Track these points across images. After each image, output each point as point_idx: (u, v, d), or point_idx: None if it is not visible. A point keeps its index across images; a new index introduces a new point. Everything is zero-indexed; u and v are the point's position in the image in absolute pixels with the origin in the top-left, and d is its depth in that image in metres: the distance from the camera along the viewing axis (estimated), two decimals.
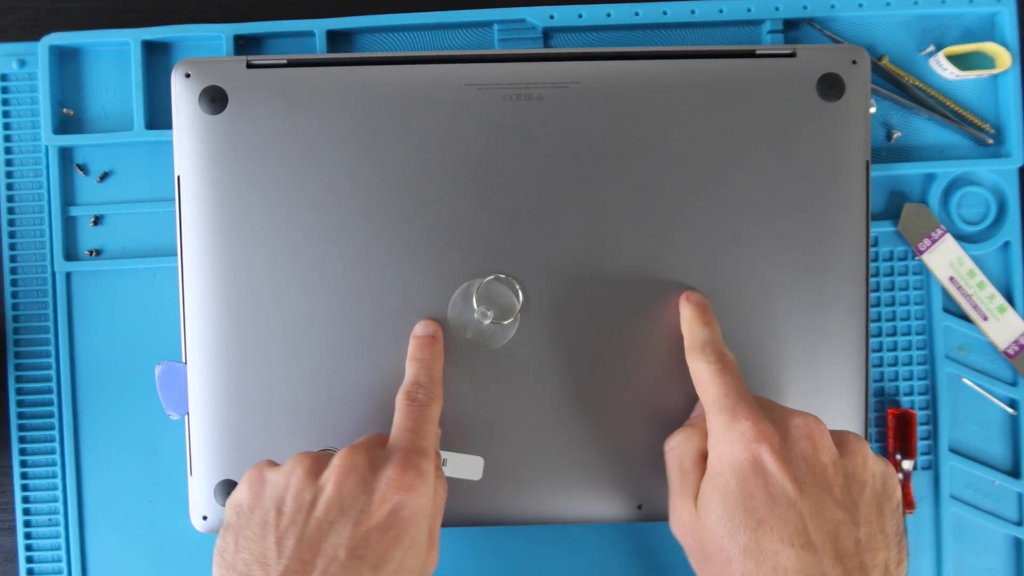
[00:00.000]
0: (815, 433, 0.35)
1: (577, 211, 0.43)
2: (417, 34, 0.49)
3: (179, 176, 0.44)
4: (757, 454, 0.34)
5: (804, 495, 0.34)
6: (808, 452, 0.35)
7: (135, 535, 0.48)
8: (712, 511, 0.35)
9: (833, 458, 0.35)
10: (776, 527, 0.33)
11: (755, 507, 0.34)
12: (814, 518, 0.33)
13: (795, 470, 0.34)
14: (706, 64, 0.44)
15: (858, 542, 0.34)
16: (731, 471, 0.35)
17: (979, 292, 0.48)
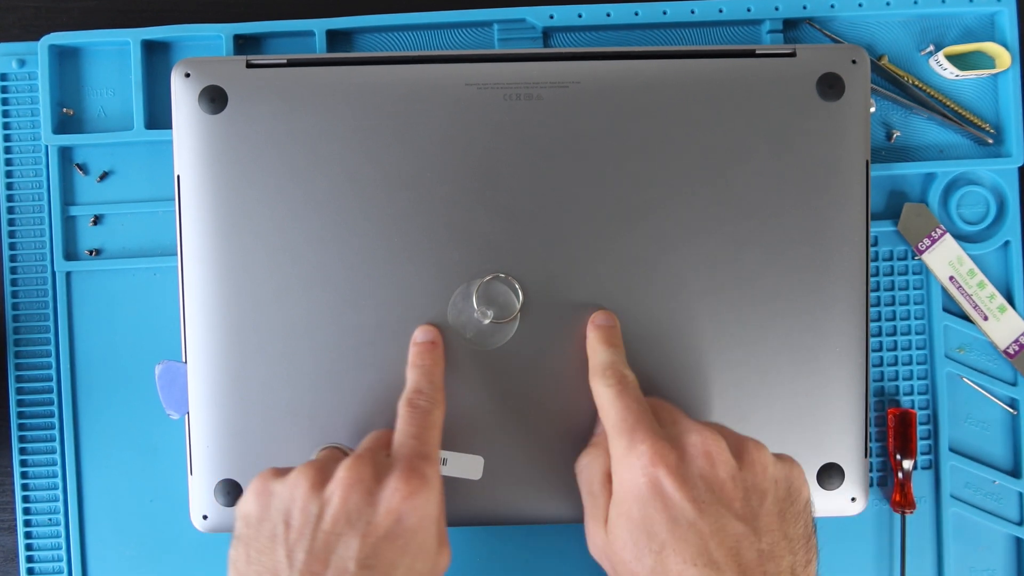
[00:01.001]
0: (712, 449, 0.35)
1: (577, 211, 0.43)
2: (417, 34, 0.49)
3: (179, 176, 0.44)
4: (655, 478, 0.35)
5: (703, 514, 0.34)
6: (706, 470, 0.35)
7: (135, 535, 0.48)
8: (619, 537, 0.36)
9: (731, 472, 0.35)
10: (678, 549, 0.34)
11: (656, 531, 0.34)
12: (715, 536, 0.34)
13: (693, 490, 0.34)
14: (706, 64, 0.44)
15: (760, 553, 0.34)
16: (632, 497, 0.35)
17: (979, 292, 0.48)
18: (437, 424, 0.39)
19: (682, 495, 0.34)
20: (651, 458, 0.35)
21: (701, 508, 0.34)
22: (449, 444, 0.44)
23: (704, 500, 0.34)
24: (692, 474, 0.35)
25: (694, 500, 0.34)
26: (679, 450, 0.35)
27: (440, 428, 0.39)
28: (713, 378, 0.44)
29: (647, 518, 0.34)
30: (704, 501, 0.34)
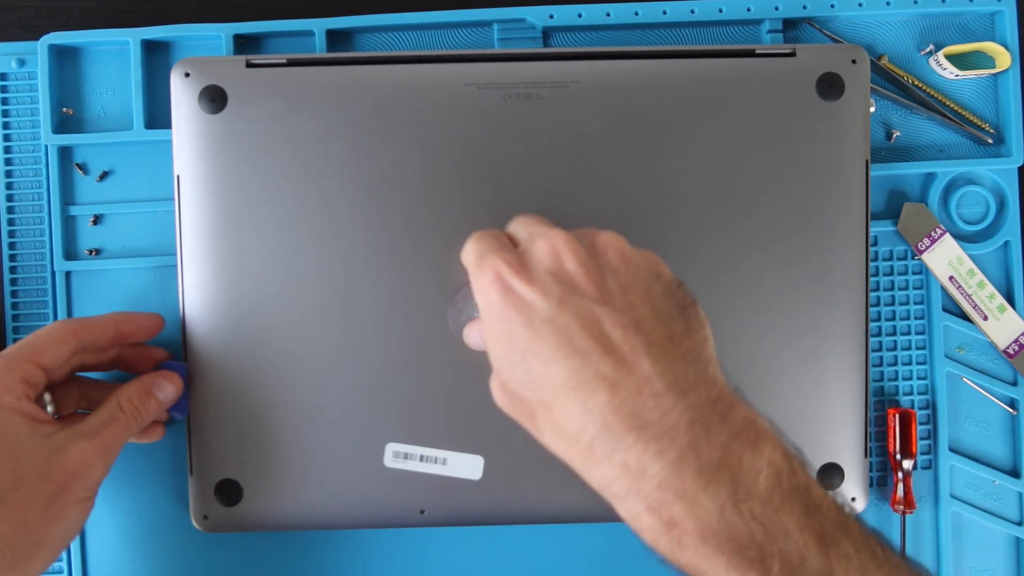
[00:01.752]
0: (557, 246, 0.34)
1: (577, 211, 0.43)
2: (417, 34, 0.49)
3: (179, 175, 0.44)
4: (502, 285, 0.33)
5: (557, 306, 0.32)
6: (552, 264, 0.34)
7: (135, 535, 0.48)
8: (496, 363, 0.34)
9: (581, 260, 0.34)
10: (538, 350, 0.32)
11: (517, 339, 0.33)
12: (573, 324, 0.32)
13: (543, 286, 0.33)
14: (706, 64, 0.44)
15: (626, 328, 0.32)
16: (491, 316, 0.34)
17: (979, 292, 0.48)
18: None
19: (532, 292, 0.33)
20: (496, 271, 0.34)
21: (551, 301, 0.33)
22: (449, 444, 0.44)
23: (553, 293, 0.33)
24: (538, 272, 0.33)
25: (544, 295, 0.33)
26: (524, 256, 0.34)
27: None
28: None
29: (506, 329, 0.33)
30: (553, 294, 0.33)
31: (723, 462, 0.31)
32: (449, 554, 0.48)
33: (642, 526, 0.32)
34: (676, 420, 0.31)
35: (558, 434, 0.33)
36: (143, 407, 0.42)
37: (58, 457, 0.38)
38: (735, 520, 0.30)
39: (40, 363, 0.40)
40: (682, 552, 0.31)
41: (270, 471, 0.44)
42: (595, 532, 0.48)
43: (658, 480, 0.31)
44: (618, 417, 0.31)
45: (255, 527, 0.45)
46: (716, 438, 0.31)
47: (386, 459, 0.44)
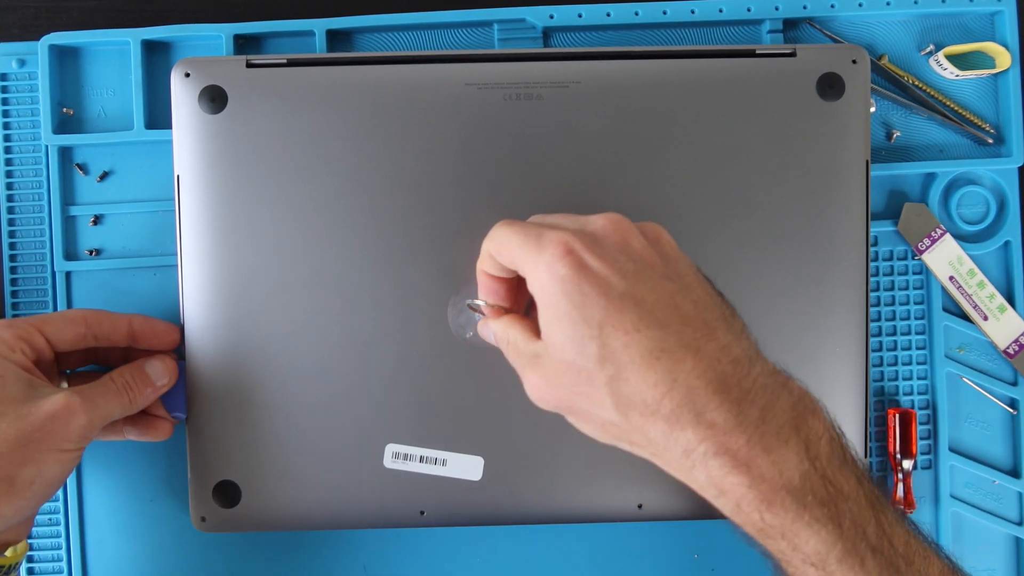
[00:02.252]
0: (621, 226, 0.35)
1: (577, 211, 0.43)
2: (417, 34, 0.49)
3: (179, 176, 0.44)
4: (575, 262, 0.34)
5: (632, 281, 0.33)
6: (620, 243, 0.35)
7: (135, 535, 0.48)
8: (557, 344, 0.34)
9: (644, 243, 0.35)
10: (617, 322, 0.33)
11: (591, 313, 0.33)
12: (650, 297, 0.33)
13: (615, 262, 0.34)
14: (706, 64, 0.44)
15: (696, 303, 0.34)
16: (558, 293, 0.34)
17: (979, 292, 0.48)
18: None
19: (606, 268, 0.33)
20: (564, 248, 0.34)
21: (627, 276, 0.33)
22: (449, 444, 0.44)
23: (628, 269, 0.34)
24: (609, 249, 0.34)
25: (619, 271, 0.33)
26: (589, 237, 0.35)
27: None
28: None
29: (577, 304, 0.33)
30: (628, 270, 0.34)
31: (796, 423, 0.33)
32: (449, 554, 0.48)
33: (729, 484, 0.33)
34: (753, 383, 0.33)
35: (630, 408, 0.33)
36: (134, 383, 0.42)
37: (40, 401, 0.38)
38: (813, 477, 0.33)
39: (43, 331, 0.41)
40: (768, 508, 0.33)
41: (269, 472, 0.44)
42: (595, 532, 0.48)
43: (746, 438, 0.32)
44: (703, 381, 0.32)
45: (254, 528, 0.45)
46: (785, 401, 0.33)
47: (386, 460, 0.44)
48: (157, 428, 0.45)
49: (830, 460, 0.33)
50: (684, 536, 0.48)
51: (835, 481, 0.33)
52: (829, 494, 0.33)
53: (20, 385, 0.39)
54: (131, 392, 0.42)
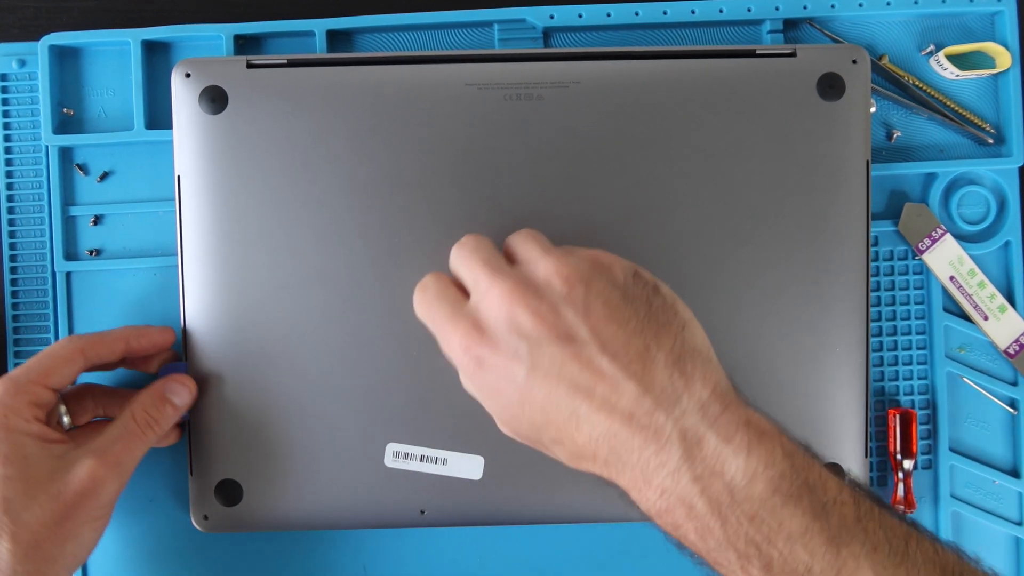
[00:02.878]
0: (504, 303, 0.34)
1: (577, 211, 0.43)
2: (417, 34, 0.49)
3: (179, 176, 0.44)
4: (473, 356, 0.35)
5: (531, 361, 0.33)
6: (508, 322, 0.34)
7: (135, 535, 0.48)
8: (497, 418, 0.36)
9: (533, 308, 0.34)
10: (531, 401, 0.34)
11: (508, 398, 0.34)
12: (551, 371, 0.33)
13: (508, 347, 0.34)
14: (706, 64, 0.44)
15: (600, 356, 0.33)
16: (476, 383, 0.36)
17: (979, 292, 0.48)
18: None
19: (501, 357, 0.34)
20: (461, 344, 0.35)
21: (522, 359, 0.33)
22: (449, 444, 0.44)
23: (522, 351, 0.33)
24: (499, 334, 0.34)
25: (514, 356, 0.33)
26: (478, 318, 0.35)
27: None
28: None
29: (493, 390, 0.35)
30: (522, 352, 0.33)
31: (715, 469, 0.32)
32: (449, 554, 0.48)
33: (664, 523, 0.33)
34: (669, 434, 0.32)
35: (576, 458, 0.35)
36: (159, 415, 0.42)
37: (68, 476, 0.38)
38: (732, 523, 0.31)
39: (48, 384, 0.40)
40: (704, 544, 0.32)
41: (270, 471, 0.44)
42: (595, 532, 0.48)
43: (661, 489, 0.32)
44: (620, 438, 0.33)
45: (255, 527, 0.45)
46: (707, 446, 0.32)
47: (386, 459, 0.44)
48: (168, 435, 0.45)
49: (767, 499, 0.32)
50: None
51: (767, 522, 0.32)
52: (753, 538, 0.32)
53: (44, 461, 0.38)
54: (156, 425, 0.42)
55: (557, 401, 0.33)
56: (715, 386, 0.33)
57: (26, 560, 0.37)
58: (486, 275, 0.35)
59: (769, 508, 0.31)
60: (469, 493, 0.44)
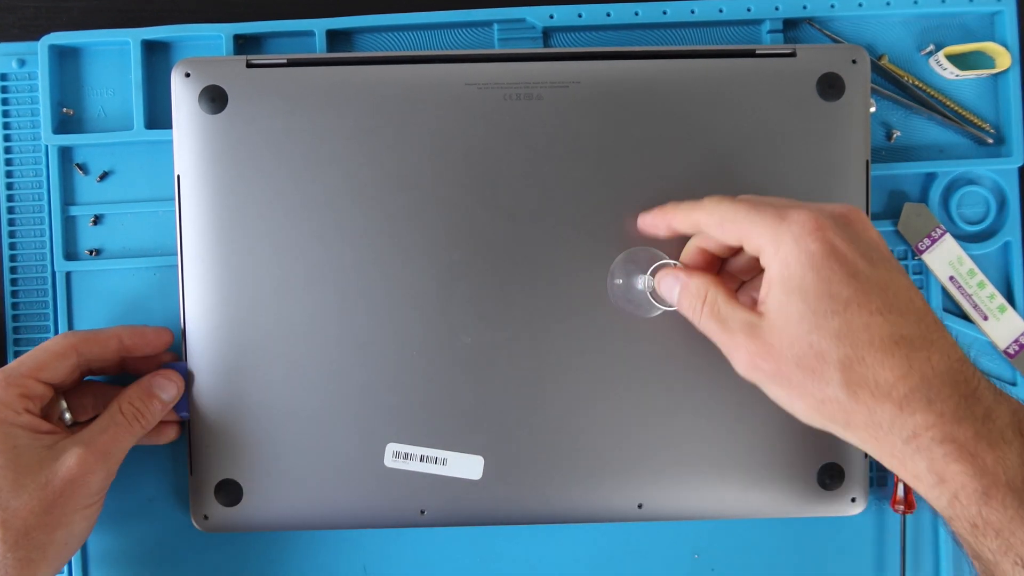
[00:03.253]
0: (861, 216, 0.36)
1: (577, 210, 0.43)
2: (417, 34, 0.49)
3: (179, 176, 0.44)
4: (826, 238, 0.34)
5: (877, 268, 0.35)
6: (863, 232, 0.36)
7: (135, 535, 0.48)
8: (791, 316, 0.35)
9: (879, 236, 0.36)
10: (863, 302, 0.34)
11: (838, 290, 0.34)
12: (891, 287, 0.34)
13: (860, 247, 0.35)
14: (706, 64, 0.44)
15: (924, 302, 0.35)
16: (805, 265, 0.34)
17: (979, 292, 0.48)
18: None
19: (854, 250, 0.34)
20: (815, 224, 0.35)
21: (874, 263, 0.35)
22: (449, 444, 0.44)
23: (872, 257, 0.35)
24: (854, 234, 0.35)
25: (866, 257, 0.35)
26: (832, 216, 0.35)
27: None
28: (714, 376, 0.44)
29: (824, 280, 0.34)
30: (873, 258, 0.35)
31: (1019, 428, 0.33)
32: (449, 554, 0.48)
33: (951, 472, 0.33)
34: (978, 384, 0.34)
35: (860, 387, 0.34)
36: (145, 408, 0.42)
37: (56, 465, 0.39)
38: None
39: (39, 377, 0.40)
40: (987, 502, 0.33)
41: (270, 471, 0.44)
42: (595, 532, 0.48)
43: (974, 430, 0.33)
44: (935, 373, 0.33)
45: (255, 527, 0.45)
46: (1007, 407, 0.34)
47: (386, 459, 0.44)
48: (163, 432, 0.45)
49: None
50: (684, 536, 0.48)
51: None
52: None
53: (34, 451, 0.39)
54: (142, 418, 0.42)
55: (891, 310, 0.34)
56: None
57: (16, 547, 0.38)
58: (823, 203, 0.37)
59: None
60: (469, 493, 0.44)
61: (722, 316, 0.37)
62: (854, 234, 0.35)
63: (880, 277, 0.34)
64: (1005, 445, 0.33)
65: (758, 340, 0.36)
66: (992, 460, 0.32)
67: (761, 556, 0.48)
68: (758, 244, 0.36)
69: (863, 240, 0.35)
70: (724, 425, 0.44)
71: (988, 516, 0.33)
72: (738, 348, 0.37)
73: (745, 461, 0.44)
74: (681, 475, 0.44)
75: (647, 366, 0.44)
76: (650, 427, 0.44)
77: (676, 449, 0.44)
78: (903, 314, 0.34)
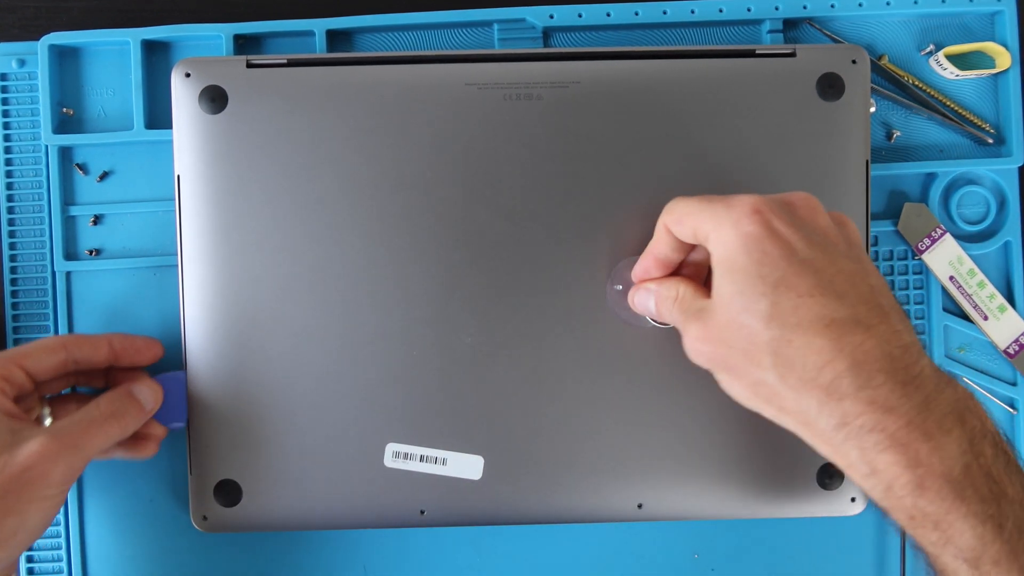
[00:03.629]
0: (811, 203, 0.36)
1: (577, 210, 0.43)
2: (417, 34, 0.49)
3: (179, 176, 0.44)
4: (764, 220, 0.34)
5: (816, 250, 0.34)
6: (809, 217, 0.35)
7: (135, 535, 0.48)
8: (725, 296, 0.34)
9: (830, 223, 0.36)
10: (793, 284, 0.33)
11: (769, 271, 0.33)
12: (831, 269, 0.34)
13: (802, 230, 0.34)
14: (706, 64, 0.44)
15: (872, 287, 0.34)
16: (740, 246, 0.34)
17: (979, 292, 0.48)
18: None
19: (793, 233, 0.34)
20: (753, 206, 0.34)
21: (811, 245, 0.34)
22: (449, 444, 0.44)
23: (814, 240, 0.34)
24: (798, 218, 0.35)
25: (806, 238, 0.34)
26: (779, 202, 0.35)
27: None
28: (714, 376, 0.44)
29: (757, 261, 0.33)
30: (814, 241, 0.34)
31: (960, 417, 0.32)
32: (449, 554, 0.48)
33: (883, 463, 0.32)
34: (920, 371, 0.33)
35: (788, 371, 0.33)
36: (123, 408, 0.41)
37: (16, 449, 0.37)
38: (975, 471, 0.32)
39: (22, 365, 0.40)
40: (922, 494, 0.32)
41: (270, 471, 0.44)
42: (595, 532, 0.48)
43: (907, 419, 0.32)
44: (868, 358, 0.32)
45: (254, 527, 0.45)
46: (950, 395, 0.33)
47: (386, 459, 0.44)
48: (143, 447, 0.44)
49: (995, 460, 0.32)
50: (684, 536, 0.48)
51: (999, 481, 0.32)
52: (992, 492, 0.32)
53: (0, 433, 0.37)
54: (120, 419, 0.41)
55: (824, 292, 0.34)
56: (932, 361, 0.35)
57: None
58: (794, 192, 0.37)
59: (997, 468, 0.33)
60: (469, 493, 0.44)
61: (686, 307, 0.37)
62: (798, 219, 0.35)
63: (817, 259, 0.34)
64: (942, 434, 0.32)
65: (701, 323, 0.36)
66: (927, 450, 0.31)
67: (761, 556, 0.48)
68: (705, 231, 0.36)
69: (807, 225, 0.35)
70: (724, 425, 0.44)
71: (924, 508, 0.32)
72: (687, 333, 0.37)
73: (745, 461, 0.44)
74: (681, 475, 0.44)
75: (648, 366, 0.44)
76: (650, 427, 0.44)
77: (676, 449, 0.44)
78: (840, 298, 0.33)
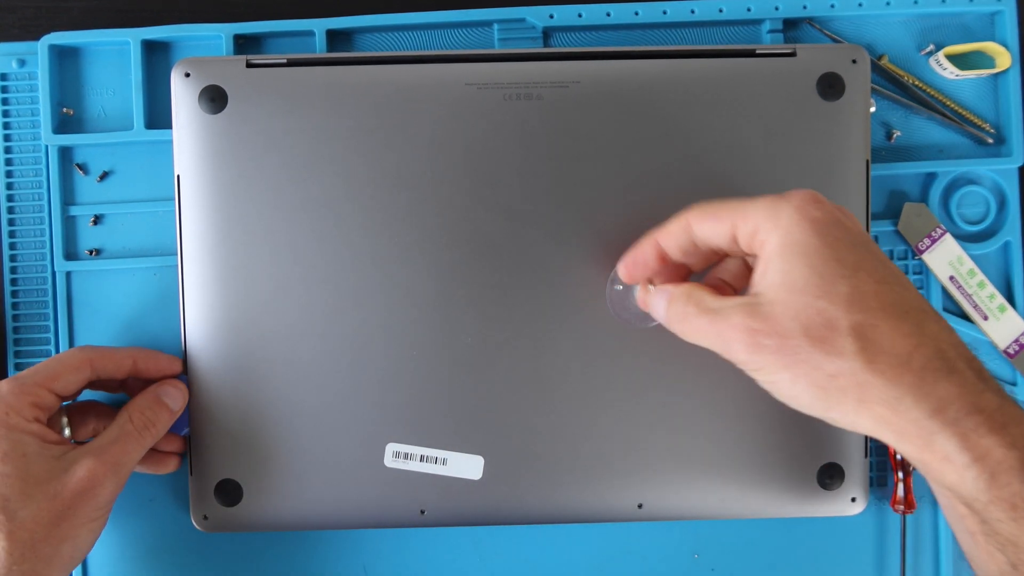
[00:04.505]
0: (818, 198, 0.35)
1: (577, 210, 0.43)
2: (417, 34, 0.49)
3: (179, 175, 0.44)
4: (829, 208, 0.34)
5: (871, 244, 0.34)
6: (846, 217, 0.35)
7: (135, 535, 0.48)
8: (796, 284, 0.33)
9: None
10: (870, 268, 0.33)
11: (846, 255, 0.33)
12: (888, 263, 0.34)
13: (857, 224, 0.35)
14: (706, 64, 0.44)
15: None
16: (812, 231, 0.33)
17: (979, 292, 0.48)
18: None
19: (850, 220, 0.34)
20: (814, 196, 0.34)
21: (868, 240, 0.34)
22: (449, 444, 0.44)
23: (866, 235, 0.35)
24: (849, 214, 0.35)
25: (862, 233, 0.34)
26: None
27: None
28: (714, 375, 0.44)
29: (832, 245, 0.33)
30: (867, 236, 0.35)
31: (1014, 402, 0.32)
32: (449, 554, 0.48)
33: (987, 445, 0.31)
34: (980, 361, 0.33)
35: (877, 355, 0.32)
36: (155, 417, 0.42)
37: (66, 476, 0.38)
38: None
39: (52, 388, 0.40)
40: (1007, 484, 0.31)
41: (270, 471, 0.44)
42: (595, 532, 0.48)
43: (998, 401, 0.31)
44: (947, 346, 0.32)
45: (255, 527, 0.45)
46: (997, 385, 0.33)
47: (386, 459, 0.44)
48: (166, 462, 0.45)
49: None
50: (684, 536, 0.48)
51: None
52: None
53: (43, 461, 0.38)
54: (153, 428, 0.41)
55: (895, 279, 0.34)
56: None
57: (22, 560, 0.37)
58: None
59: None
60: (469, 493, 0.44)
61: (712, 308, 0.35)
62: (849, 213, 0.35)
63: (878, 251, 0.34)
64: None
65: (758, 317, 0.33)
66: (1020, 432, 0.31)
67: (761, 556, 0.48)
68: (753, 224, 0.34)
69: (855, 220, 0.36)
70: (724, 425, 0.44)
71: (1007, 495, 0.31)
72: (735, 330, 0.34)
73: (745, 461, 0.44)
74: (681, 475, 0.44)
75: (648, 365, 0.44)
76: (650, 427, 0.44)
77: (676, 449, 0.44)
78: (908, 288, 0.34)
